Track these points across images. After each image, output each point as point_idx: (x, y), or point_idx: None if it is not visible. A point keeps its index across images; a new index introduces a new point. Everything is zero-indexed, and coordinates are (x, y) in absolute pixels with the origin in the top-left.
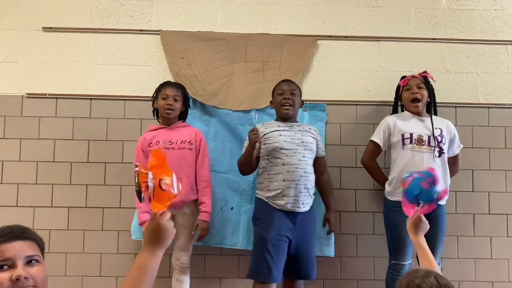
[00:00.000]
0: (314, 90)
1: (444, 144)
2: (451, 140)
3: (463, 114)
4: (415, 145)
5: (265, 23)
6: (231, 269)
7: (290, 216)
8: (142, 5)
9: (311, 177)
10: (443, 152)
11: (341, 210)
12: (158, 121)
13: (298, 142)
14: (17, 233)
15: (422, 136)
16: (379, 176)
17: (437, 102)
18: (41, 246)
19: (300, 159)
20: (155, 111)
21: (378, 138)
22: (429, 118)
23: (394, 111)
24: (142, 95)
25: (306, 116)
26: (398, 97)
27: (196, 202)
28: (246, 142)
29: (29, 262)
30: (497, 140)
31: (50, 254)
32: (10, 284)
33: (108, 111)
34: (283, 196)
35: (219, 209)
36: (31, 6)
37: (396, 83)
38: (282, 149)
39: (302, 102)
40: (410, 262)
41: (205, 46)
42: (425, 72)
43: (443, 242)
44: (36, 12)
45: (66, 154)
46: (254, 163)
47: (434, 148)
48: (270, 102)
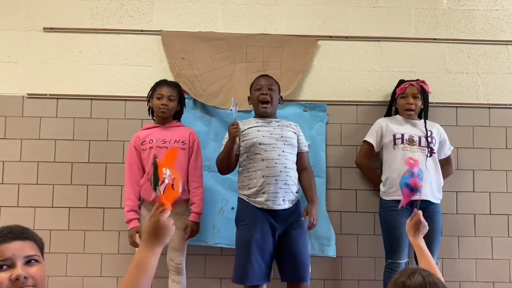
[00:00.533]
0: (315, 90)
1: (434, 145)
2: (442, 142)
3: (464, 114)
4: (407, 145)
5: (265, 24)
6: (231, 269)
7: (272, 214)
8: (142, 5)
9: (292, 173)
10: (434, 152)
11: (341, 210)
12: (153, 119)
13: (277, 137)
14: (16, 233)
15: (413, 136)
16: (374, 176)
17: (437, 102)
18: (40, 246)
19: (279, 154)
20: (150, 110)
21: (371, 138)
22: (421, 121)
23: (388, 114)
24: (142, 96)
25: (307, 116)
26: (393, 100)
27: (187, 202)
28: (225, 139)
29: (28, 262)
30: (498, 140)
31: (50, 254)
32: (9, 284)
33: (108, 112)
34: (263, 192)
35: (220, 209)
36: (32, 6)
37: (396, 83)
38: (260, 144)
39: (281, 98)
40: (406, 260)
41: (205, 47)
42: (423, 82)
43: (440, 242)
44: (37, 12)
45: (67, 154)
46: (233, 160)
47: (426, 148)
48: (248, 99)
